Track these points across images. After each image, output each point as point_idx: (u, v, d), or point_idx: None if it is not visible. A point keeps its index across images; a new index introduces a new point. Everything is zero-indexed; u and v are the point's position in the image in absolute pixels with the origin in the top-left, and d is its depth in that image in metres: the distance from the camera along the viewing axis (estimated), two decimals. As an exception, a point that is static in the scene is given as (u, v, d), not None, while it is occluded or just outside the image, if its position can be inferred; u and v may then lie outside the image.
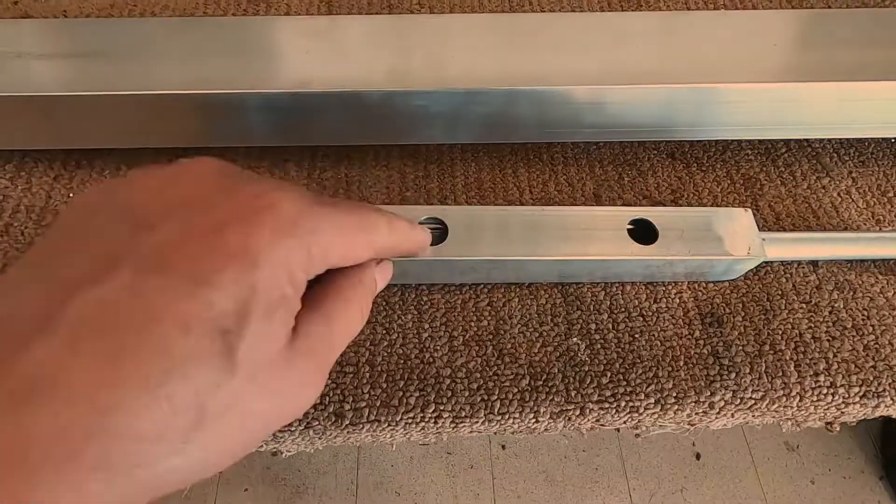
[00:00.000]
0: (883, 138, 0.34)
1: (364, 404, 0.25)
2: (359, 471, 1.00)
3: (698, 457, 1.04)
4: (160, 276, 0.13)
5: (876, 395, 0.26)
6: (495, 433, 0.26)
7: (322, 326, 0.17)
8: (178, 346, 0.13)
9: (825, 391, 0.26)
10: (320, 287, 0.18)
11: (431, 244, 0.26)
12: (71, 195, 0.30)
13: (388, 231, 0.18)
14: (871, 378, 0.26)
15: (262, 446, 0.25)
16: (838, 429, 0.27)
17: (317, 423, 0.24)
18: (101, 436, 0.12)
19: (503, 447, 1.03)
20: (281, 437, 0.24)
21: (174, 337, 0.13)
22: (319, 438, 0.25)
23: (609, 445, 1.01)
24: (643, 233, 0.27)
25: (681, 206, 0.31)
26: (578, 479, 1.01)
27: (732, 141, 0.34)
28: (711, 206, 0.31)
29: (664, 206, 0.31)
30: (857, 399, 0.26)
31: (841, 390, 0.26)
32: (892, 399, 0.26)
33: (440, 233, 0.26)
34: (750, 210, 0.27)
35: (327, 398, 0.25)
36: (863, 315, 0.27)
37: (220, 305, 0.14)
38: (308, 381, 0.16)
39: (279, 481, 0.96)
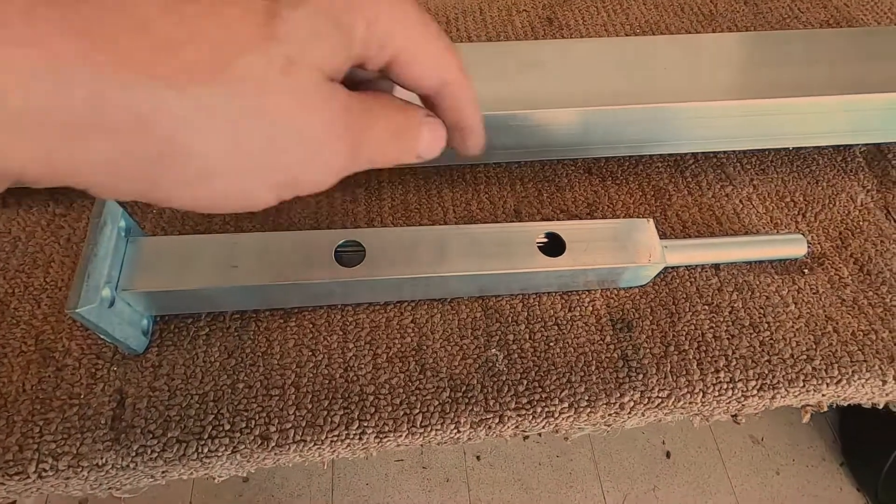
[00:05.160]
0: (782, 147, 0.36)
1: (290, 425, 0.25)
2: (333, 492, 1.00)
3: (668, 455, 1.07)
4: None
5: (771, 387, 0.28)
6: (421, 446, 0.27)
7: (363, 102, 0.17)
8: None
9: (725, 386, 0.27)
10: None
11: (350, 265, 0.27)
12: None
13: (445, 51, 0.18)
14: (767, 371, 0.28)
15: (215, 478, 0.26)
16: (744, 421, 0.29)
17: (243, 446, 0.25)
18: None
19: (478, 458, 1.03)
20: (209, 463, 0.25)
21: None
22: (248, 461, 0.26)
23: (582, 449, 1.02)
24: (554, 246, 0.29)
25: (596, 218, 0.33)
26: (553, 484, 1.02)
27: (644, 154, 0.36)
28: (624, 216, 0.33)
29: (580, 219, 0.33)
30: (755, 392, 0.28)
31: (740, 384, 0.27)
32: (786, 390, 0.28)
33: (359, 255, 0.27)
34: (652, 220, 0.29)
35: (253, 422, 0.25)
36: (759, 313, 0.30)
37: None
38: (334, 130, 0.16)
39: (252, 507, 0.95)
